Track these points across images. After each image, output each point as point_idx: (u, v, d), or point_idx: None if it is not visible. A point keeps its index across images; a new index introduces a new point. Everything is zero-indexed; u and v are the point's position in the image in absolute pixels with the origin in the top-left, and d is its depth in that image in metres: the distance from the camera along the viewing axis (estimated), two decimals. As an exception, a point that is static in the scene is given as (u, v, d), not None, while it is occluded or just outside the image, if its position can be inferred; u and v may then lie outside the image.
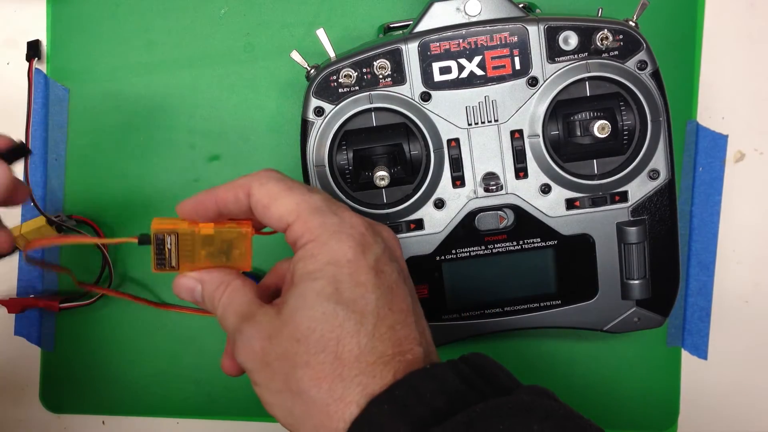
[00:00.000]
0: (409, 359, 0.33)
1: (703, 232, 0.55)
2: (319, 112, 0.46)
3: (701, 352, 0.56)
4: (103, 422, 0.58)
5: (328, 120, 0.46)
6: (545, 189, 0.47)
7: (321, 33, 0.45)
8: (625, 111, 0.46)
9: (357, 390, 0.32)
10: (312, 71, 0.46)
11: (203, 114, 0.54)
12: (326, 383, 0.32)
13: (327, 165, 0.46)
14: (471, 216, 0.47)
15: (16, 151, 0.43)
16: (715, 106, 0.54)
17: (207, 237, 0.36)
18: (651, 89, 0.45)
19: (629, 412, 0.56)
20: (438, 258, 0.48)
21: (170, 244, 0.36)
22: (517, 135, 0.46)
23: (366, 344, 0.32)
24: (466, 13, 0.45)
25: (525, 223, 0.47)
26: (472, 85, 0.46)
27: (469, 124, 0.46)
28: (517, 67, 0.45)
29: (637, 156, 0.46)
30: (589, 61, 0.45)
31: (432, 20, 0.45)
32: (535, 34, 0.45)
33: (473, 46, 0.45)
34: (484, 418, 0.30)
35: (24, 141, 0.53)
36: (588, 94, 0.46)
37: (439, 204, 0.47)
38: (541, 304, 0.49)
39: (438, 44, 0.45)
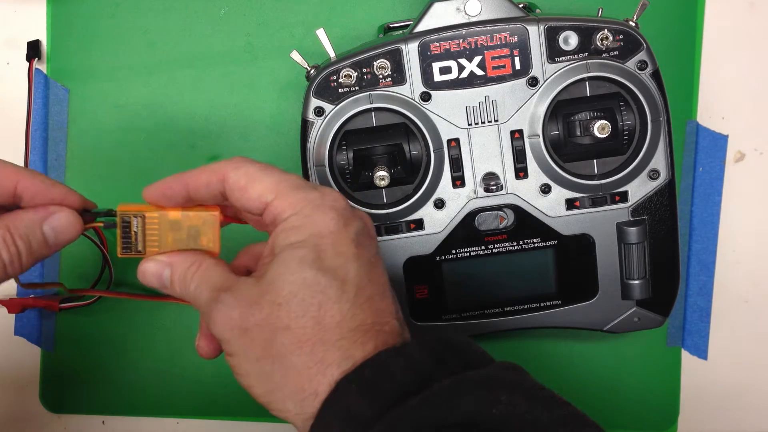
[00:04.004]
0: (386, 330, 0.33)
1: (703, 232, 0.55)
2: (319, 112, 0.46)
3: (701, 352, 0.56)
4: (103, 422, 0.58)
5: (328, 120, 0.45)
6: (545, 189, 0.47)
7: (321, 33, 0.45)
8: (625, 111, 0.46)
9: (338, 354, 0.32)
10: (312, 71, 0.46)
11: (203, 114, 0.54)
12: (307, 347, 0.32)
13: (327, 165, 0.46)
14: (471, 216, 0.47)
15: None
16: (715, 106, 0.54)
17: (174, 221, 0.36)
18: (651, 89, 0.45)
19: (629, 412, 0.56)
20: (438, 258, 0.48)
21: (136, 227, 0.35)
22: (517, 135, 0.46)
23: (347, 311, 0.32)
24: (466, 13, 0.45)
25: (525, 223, 0.47)
26: (472, 85, 0.46)
27: (469, 124, 0.46)
28: (517, 67, 0.45)
29: (637, 156, 0.46)
30: (589, 61, 0.45)
31: (432, 20, 0.45)
32: (535, 34, 0.45)
33: (473, 46, 0.45)
34: (450, 391, 0.30)
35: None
36: (588, 94, 0.46)
37: (439, 204, 0.47)
38: (541, 304, 0.49)
39: (438, 44, 0.45)
